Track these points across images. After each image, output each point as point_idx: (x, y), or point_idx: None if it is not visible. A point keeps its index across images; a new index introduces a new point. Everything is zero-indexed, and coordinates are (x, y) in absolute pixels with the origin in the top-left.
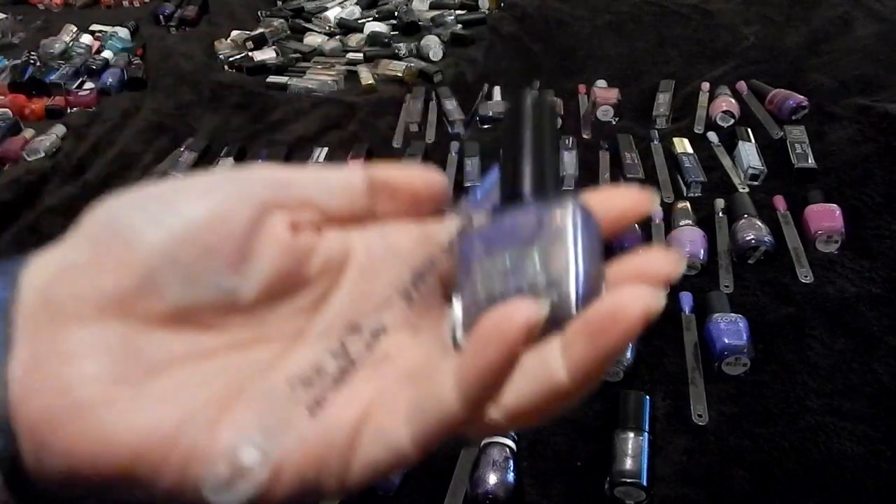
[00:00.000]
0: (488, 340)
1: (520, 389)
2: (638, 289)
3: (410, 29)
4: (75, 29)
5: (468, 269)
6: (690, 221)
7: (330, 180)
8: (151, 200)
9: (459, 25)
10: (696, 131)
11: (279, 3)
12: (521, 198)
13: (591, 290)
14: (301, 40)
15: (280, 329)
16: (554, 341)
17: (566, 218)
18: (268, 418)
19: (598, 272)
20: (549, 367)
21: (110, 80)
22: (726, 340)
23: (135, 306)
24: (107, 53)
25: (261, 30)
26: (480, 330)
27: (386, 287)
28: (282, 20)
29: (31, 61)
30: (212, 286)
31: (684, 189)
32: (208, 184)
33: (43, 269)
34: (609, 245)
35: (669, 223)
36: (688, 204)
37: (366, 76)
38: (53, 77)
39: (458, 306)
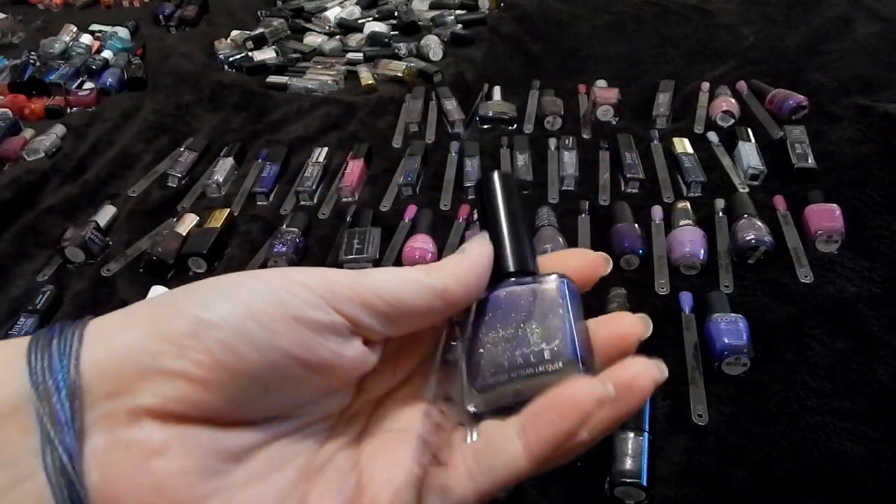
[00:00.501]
0: (562, 412)
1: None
2: (643, 364)
3: (410, 29)
4: (75, 29)
5: (471, 343)
6: (690, 221)
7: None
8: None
9: (459, 25)
10: (696, 131)
11: (279, 3)
12: (509, 275)
13: (587, 354)
14: (301, 40)
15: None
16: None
17: (556, 293)
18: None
19: (587, 335)
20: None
21: (110, 79)
22: (726, 340)
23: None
24: (107, 53)
25: (261, 30)
26: (553, 402)
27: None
28: (282, 20)
29: (31, 61)
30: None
31: (684, 189)
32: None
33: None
34: (611, 246)
35: (669, 223)
36: (688, 204)
37: (366, 76)
38: (53, 77)
39: (464, 373)
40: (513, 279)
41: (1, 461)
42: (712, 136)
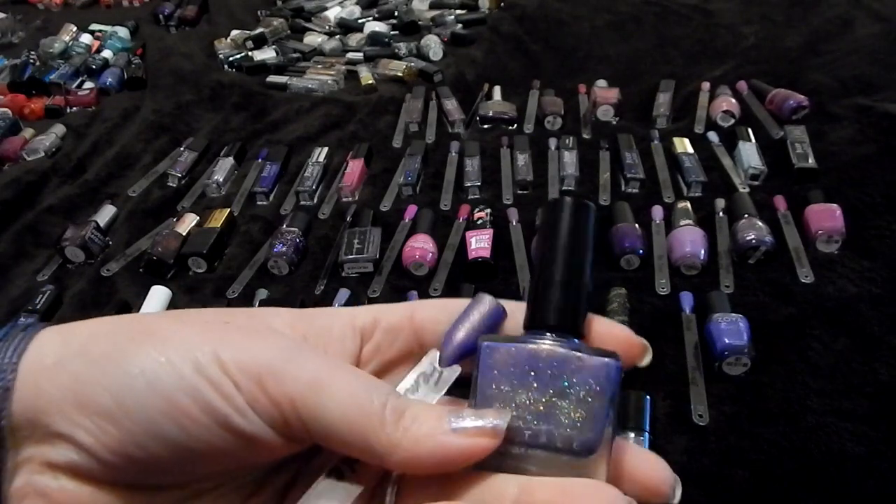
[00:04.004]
0: None
1: None
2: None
3: (410, 29)
4: (75, 28)
5: (489, 388)
6: (690, 221)
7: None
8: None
9: (459, 25)
10: (697, 131)
11: (279, 3)
12: (549, 328)
13: (611, 451)
14: (301, 40)
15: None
16: None
17: (605, 378)
18: None
19: (615, 429)
20: None
21: (110, 79)
22: (727, 340)
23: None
24: (106, 53)
25: (261, 29)
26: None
27: None
28: (282, 20)
29: (31, 61)
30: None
31: (684, 189)
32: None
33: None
34: (611, 246)
35: (670, 223)
36: (688, 204)
37: (366, 76)
38: (53, 76)
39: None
40: (554, 335)
41: None
42: (712, 136)
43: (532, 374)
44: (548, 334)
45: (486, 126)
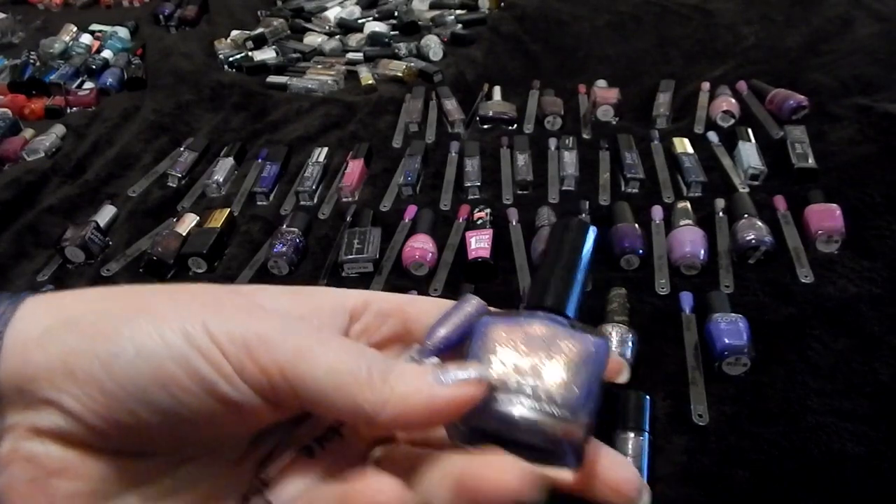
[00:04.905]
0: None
1: None
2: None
3: (410, 29)
4: (75, 28)
5: (480, 351)
6: (690, 221)
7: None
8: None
9: (459, 25)
10: (696, 131)
11: (279, 3)
12: (546, 310)
13: (592, 421)
14: (301, 40)
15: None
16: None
17: (594, 352)
18: None
19: (597, 407)
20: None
21: (110, 79)
22: (726, 340)
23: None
24: (106, 53)
25: (261, 29)
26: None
27: None
28: (282, 20)
29: (31, 61)
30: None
31: (684, 189)
32: None
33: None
34: (611, 246)
35: (670, 223)
36: (688, 204)
37: (366, 76)
38: (53, 77)
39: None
40: (551, 315)
41: None
42: (712, 136)
43: (522, 342)
44: (541, 312)
45: (486, 126)
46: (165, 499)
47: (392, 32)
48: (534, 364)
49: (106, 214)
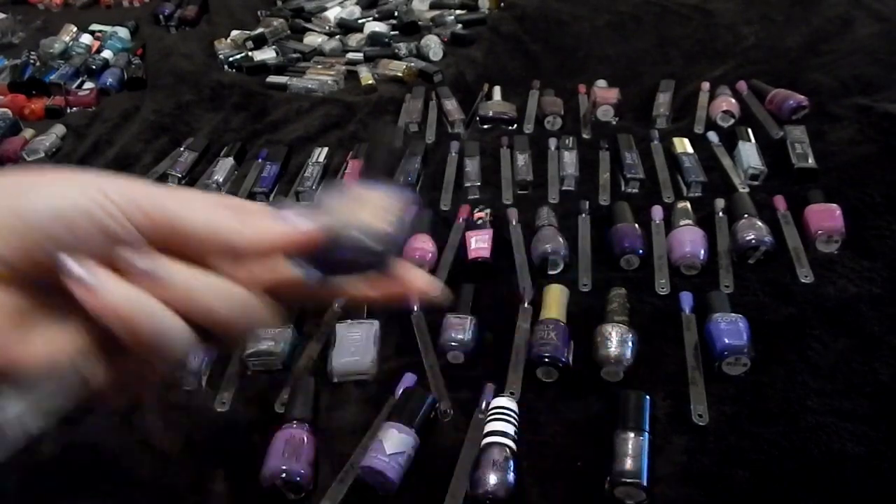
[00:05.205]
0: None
1: None
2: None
3: (410, 29)
4: (75, 29)
5: (322, 202)
6: (690, 221)
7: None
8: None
9: (459, 25)
10: (697, 131)
11: (279, 3)
12: (376, 180)
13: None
14: (301, 40)
15: None
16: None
17: (405, 196)
18: None
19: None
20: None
21: (110, 79)
22: (726, 340)
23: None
24: (107, 53)
25: (261, 30)
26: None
27: None
28: (282, 20)
29: (31, 61)
30: None
31: (684, 189)
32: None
33: None
34: (611, 246)
35: (669, 223)
36: (688, 204)
37: (366, 76)
38: (53, 77)
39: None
40: (376, 182)
41: None
42: (712, 136)
43: (356, 200)
44: (370, 181)
45: (485, 126)
46: (67, 320)
47: (392, 32)
48: (362, 213)
49: None
